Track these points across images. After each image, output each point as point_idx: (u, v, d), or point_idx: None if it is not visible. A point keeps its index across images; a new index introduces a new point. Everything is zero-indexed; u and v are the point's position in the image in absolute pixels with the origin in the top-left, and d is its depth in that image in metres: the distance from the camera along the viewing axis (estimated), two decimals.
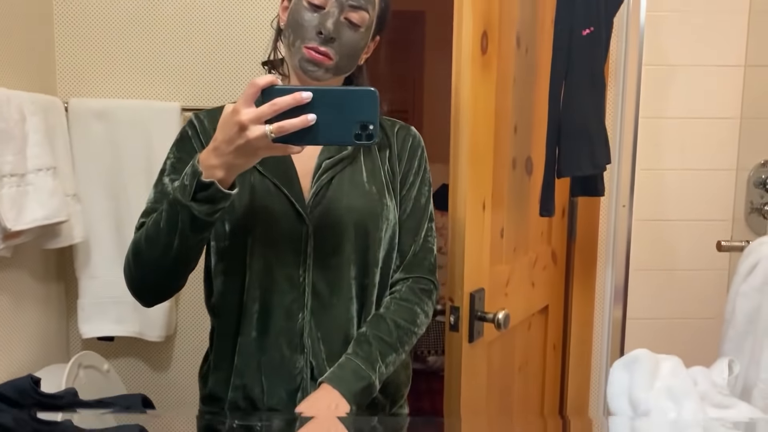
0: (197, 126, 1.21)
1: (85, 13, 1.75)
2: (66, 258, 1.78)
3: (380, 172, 1.22)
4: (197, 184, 0.96)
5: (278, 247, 1.15)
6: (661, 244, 2.01)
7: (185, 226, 1.00)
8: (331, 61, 1.12)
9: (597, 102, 1.58)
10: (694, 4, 1.93)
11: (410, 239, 1.25)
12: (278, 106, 0.89)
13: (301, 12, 1.13)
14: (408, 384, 1.32)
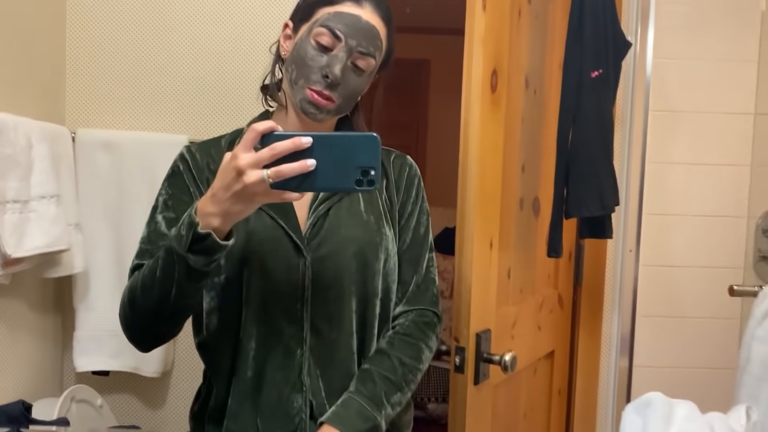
0: (189, 160, 1.18)
1: (97, 45, 1.76)
2: (64, 288, 1.75)
3: (378, 202, 1.20)
4: (193, 236, 0.93)
5: (275, 281, 1.12)
6: (669, 290, 1.98)
7: (181, 276, 0.98)
8: (333, 104, 1.11)
9: (606, 143, 1.57)
10: (700, 52, 1.95)
11: (411, 270, 1.22)
12: (277, 150, 0.87)
13: (307, 50, 1.10)
14: (410, 427, 1.27)
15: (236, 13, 1.78)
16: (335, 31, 1.08)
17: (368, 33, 1.10)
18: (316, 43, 1.09)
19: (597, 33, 1.53)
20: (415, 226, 1.23)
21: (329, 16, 1.09)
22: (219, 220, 0.93)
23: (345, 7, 1.10)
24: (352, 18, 1.09)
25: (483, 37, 1.36)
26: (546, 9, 1.68)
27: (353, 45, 1.09)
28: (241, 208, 0.92)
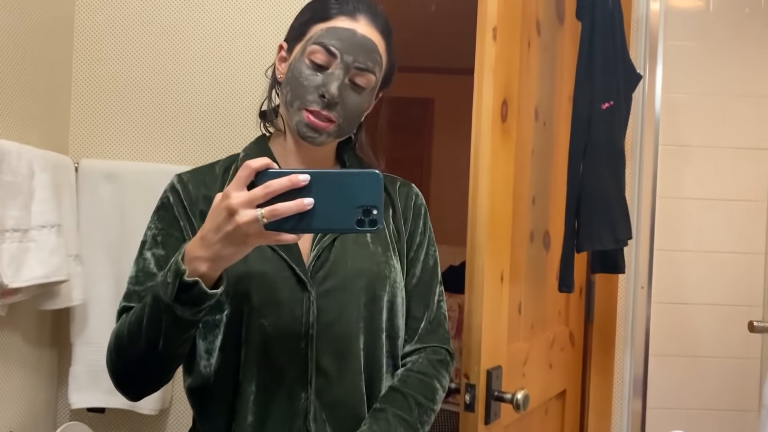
0: (180, 191, 1.11)
1: (103, 75, 1.75)
2: (62, 321, 1.70)
3: (384, 232, 1.14)
4: (180, 284, 0.87)
5: (277, 318, 1.04)
6: (683, 328, 1.93)
7: (169, 326, 0.92)
8: (333, 125, 1.05)
9: (617, 175, 1.55)
10: (710, 86, 1.94)
11: (422, 306, 1.17)
12: (272, 188, 0.81)
13: (302, 70, 1.04)
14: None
15: (240, 44, 1.78)
16: (329, 48, 1.02)
17: (365, 47, 1.04)
18: (310, 61, 1.04)
19: (608, 65, 1.52)
20: (425, 258, 1.19)
21: (322, 32, 1.04)
22: (208, 264, 0.87)
23: (339, 22, 1.04)
24: (346, 33, 1.03)
25: (493, 67, 1.34)
26: (555, 41, 1.67)
27: (349, 61, 1.03)
28: (233, 252, 0.86)
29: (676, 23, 1.94)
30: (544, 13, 1.59)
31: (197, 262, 0.87)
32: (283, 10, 1.78)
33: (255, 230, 0.82)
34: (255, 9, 1.78)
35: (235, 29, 1.78)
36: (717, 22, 1.95)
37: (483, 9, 1.35)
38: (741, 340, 1.84)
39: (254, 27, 1.78)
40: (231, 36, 1.78)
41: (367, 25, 1.05)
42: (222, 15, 1.78)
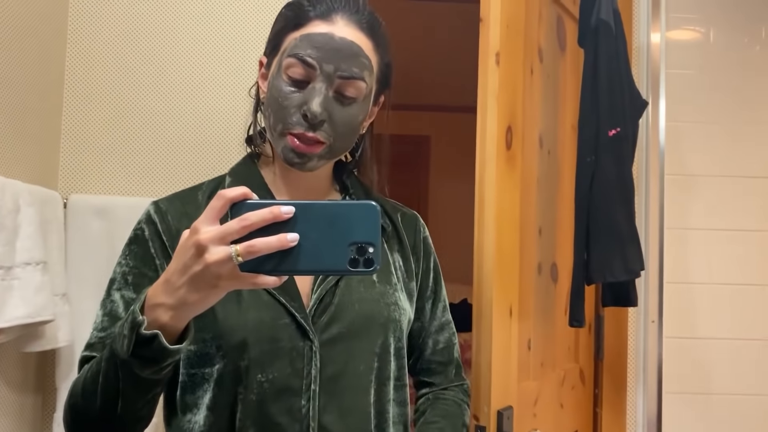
0: (157, 222, 0.96)
1: (93, 109, 1.71)
2: (47, 364, 1.62)
3: (390, 268, 1.02)
4: (137, 338, 0.73)
5: (276, 372, 0.91)
6: (697, 364, 1.85)
7: (127, 385, 0.78)
8: (322, 147, 0.92)
9: (627, 203, 1.49)
10: (713, 115, 1.91)
11: (440, 343, 1.11)
12: (250, 222, 0.67)
13: (280, 88, 0.91)
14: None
15: (228, 75, 1.74)
16: (305, 59, 0.89)
17: (347, 52, 0.90)
18: (287, 77, 0.90)
19: (613, 91, 1.48)
20: (437, 293, 1.12)
21: (296, 42, 0.90)
22: (171, 313, 0.73)
23: (313, 27, 0.91)
24: (322, 38, 0.89)
25: (497, 93, 1.30)
26: (557, 68, 1.64)
27: (330, 71, 0.89)
28: (201, 297, 0.71)
29: (678, 52, 1.92)
30: (546, 40, 1.57)
31: (159, 310, 0.73)
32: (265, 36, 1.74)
33: (228, 271, 0.68)
34: (240, 36, 1.75)
35: (221, 60, 1.74)
36: (718, 51, 1.93)
37: (485, 34, 1.32)
38: (757, 375, 1.77)
39: (242, 55, 1.75)
40: (219, 67, 1.74)
41: (346, 25, 0.92)
42: (207, 45, 1.75)
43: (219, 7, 1.76)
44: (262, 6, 1.76)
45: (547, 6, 1.58)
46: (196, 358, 0.93)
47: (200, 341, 0.92)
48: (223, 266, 0.68)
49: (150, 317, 0.74)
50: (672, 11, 1.93)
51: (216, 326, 0.91)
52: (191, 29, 1.75)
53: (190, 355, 0.94)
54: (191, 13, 1.75)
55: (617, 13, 1.54)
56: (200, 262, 0.69)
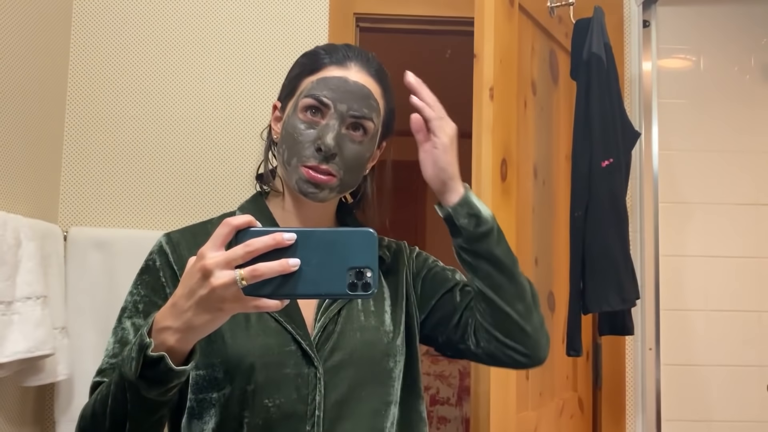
0: (169, 253, 1.01)
1: (93, 143, 1.74)
2: (45, 398, 1.62)
3: (385, 293, 1.05)
4: (144, 359, 0.77)
5: (281, 398, 0.94)
6: (695, 391, 1.85)
7: (135, 407, 0.82)
8: (334, 179, 0.98)
9: (621, 233, 1.51)
10: (706, 143, 1.93)
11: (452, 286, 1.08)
12: (253, 248, 0.71)
13: (296, 126, 0.98)
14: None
15: (228, 108, 1.77)
16: (321, 98, 0.97)
17: (358, 94, 0.98)
18: (303, 115, 0.98)
19: (605, 122, 1.51)
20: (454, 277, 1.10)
21: (313, 84, 0.99)
22: (178, 336, 0.76)
23: (329, 72, 0.99)
24: (338, 81, 0.98)
25: (491, 126, 1.33)
26: (550, 100, 1.67)
27: (344, 110, 0.97)
28: (206, 320, 0.75)
29: (669, 81, 1.95)
30: (538, 73, 1.60)
31: (166, 333, 0.77)
32: (271, 72, 1.78)
33: (232, 294, 0.72)
34: (241, 73, 1.78)
35: (222, 94, 1.77)
36: (708, 80, 1.97)
37: (479, 69, 1.35)
38: (756, 402, 1.77)
39: (242, 90, 1.78)
40: (219, 101, 1.77)
41: (358, 71, 1.00)
42: (209, 80, 1.78)
43: (219, 45, 1.79)
44: (261, 45, 1.79)
45: (540, 40, 1.61)
46: (204, 383, 0.96)
47: (209, 366, 0.95)
48: (228, 290, 0.71)
49: (157, 340, 0.77)
50: (662, 42, 1.96)
51: (225, 351, 0.95)
52: (192, 66, 1.78)
53: (198, 380, 0.96)
54: (192, 49, 1.79)
55: (608, 47, 1.58)
56: (206, 285, 0.72)
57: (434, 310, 1.07)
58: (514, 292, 0.98)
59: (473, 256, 0.98)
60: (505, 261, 0.98)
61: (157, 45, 1.78)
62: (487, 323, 0.99)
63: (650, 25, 1.95)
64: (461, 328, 1.04)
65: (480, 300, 0.99)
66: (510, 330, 0.98)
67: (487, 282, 0.98)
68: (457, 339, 1.04)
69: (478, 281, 0.99)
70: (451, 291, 1.07)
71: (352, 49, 1.03)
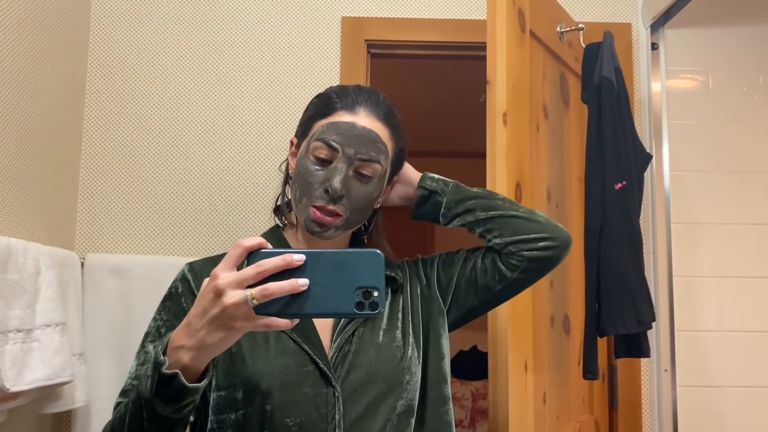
0: (191, 280, 1.06)
1: (110, 169, 1.76)
2: (62, 425, 1.62)
3: (397, 314, 1.09)
4: (159, 377, 0.80)
5: (301, 416, 0.97)
6: (711, 413, 1.84)
7: (150, 425, 0.84)
8: (340, 218, 1.03)
9: (635, 255, 1.51)
10: (716, 163, 1.94)
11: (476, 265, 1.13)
12: (264, 268, 0.74)
13: (306, 166, 1.04)
14: None
15: (247, 137, 1.79)
16: (330, 143, 1.02)
17: (366, 138, 1.03)
18: (314, 157, 1.04)
19: (618, 145, 1.52)
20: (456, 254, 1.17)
21: (323, 128, 1.04)
22: (192, 354, 0.79)
23: (338, 117, 1.05)
24: (346, 126, 1.03)
25: (505, 151, 1.34)
26: (561, 124, 1.68)
27: (351, 154, 1.02)
28: (219, 338, 0.78)
29: (678, 102, 1.96)
30: (550, 98, 1.61)
31: (180, 351, 0.80)
32: (286, 100, 1.80)
33: (243, 313, 0.75)
34: (256, 100, 1.81)
35: (237, 121, 1.80)
36: (717, 100, 1.98)
37: (492, 96, 1.36)
38: None
39: (257, 118, 1.80)
40: (234, 128, 1.79)
41: (367, 116, 1.06)
42: (224, 108, 1.80)
43: (233, 73, 1.82)
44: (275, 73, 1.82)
45: (551, 65, 1.63)
46: (225, 403, 0.99)
47: (230, 386, 0.99)
48: (239, 309, 0.74)
49: (172, 358, 0.80)
50: (671, 63, 1.98)
51: (245, 371, 0.98)
52: (207, 95, 1.80)
53: (219, 400, 0.99)
54: (208, 78, 1.81)
55: (618, 70, 1.59)
56: (218, 304, 0.75)
57: (459, 281, 1.14)
58: (510, 204, 1.13)
59: (461, 203, 1.12)
60: (486, 191, 1.14)
61: (173, 74, 1.81)
62: (508, 237, 1.10)
63: (659, 47, 1.96)
64: (489, 269, 1.11)
65: (490, 227, 1.11)
66: (528, 226, 1.10)
67: (486, 209, 1.11)
68: (491, 282, 1.11)
69: (479, 213, 1.11)
70: (465, 259, 1.15)
71: (362, 92, 1.08)
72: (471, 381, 3.70)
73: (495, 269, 1.11)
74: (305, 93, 1.77)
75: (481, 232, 1.12)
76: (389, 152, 1.08)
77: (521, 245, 1.09)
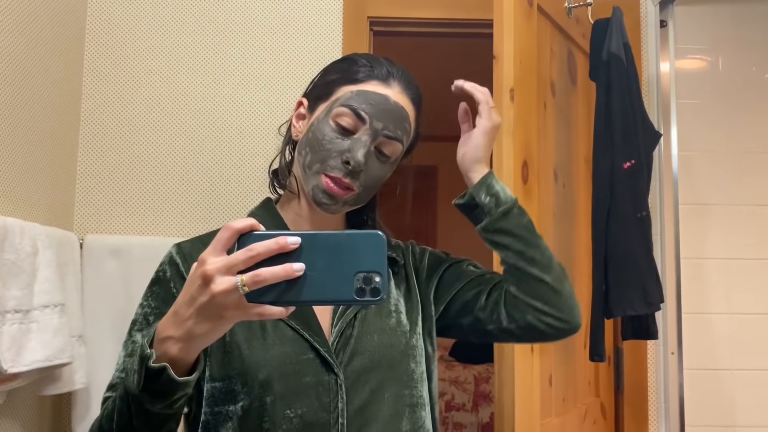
0: (179, 263, 0.99)
1: (108, 149, 1.73)
2: (62, 406, 1.61)
3: (401, 297, 1.04)
4: (146, 371, 0.74)
5: (303, 406, 0.92)
6: (718, 396, 1.82)
7: (140, 421, 0.78)
8: (351, 193, 0.97)
9: (644, 236, 1.49)
10: (724, 144, 1.91)
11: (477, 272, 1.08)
12: (255, 251, 0.67)
13: (325, 132, 0.96)
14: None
15: (246, 115, 1.76)
16: (359, 112, 0.95)
17: (396, 115, 0.97)
18: (335, 124, 0.96)
19: (626, 123, 1.48)
20: (455, 261, 1.10)
21: (352, 95, 0.97)
22: (179, 345, 0.73)
23: (371, 86, 0.97)
24: (378, 98, 0.96)
25: (512, 128, 1.31)
26: (569, 102, 1.65)
27: (379, 128, 0.95)
28: (208, 329, 0.71)
29: (688, 82, 1.93)
30: (557, 75, 1.58)
31: (168, 343, 0.73)
32: (286, 77, 1.77)
33: (233, 301, 0.68)
34: (256, 78, 1.77)
35: (236, 99, 1.76)
36: (726, 80, 1.94)
37: (499, 71, 1.33)
38: None
39: (257, 95, 1.77)
40: (233, 106, 1.76)
41: (400, 92, 0.99)
42: (222, 86, 1.77)
43: (232, 50, 1.78)
44: (275, 50, 1.78)
45: (558, 41, 1.59)
46: (221, 395, 0.93)
47: (226, 378, 0.93)
48: (229, 296, 0.68)
49: (159, 351, 0.74)
50: (680, 42, 1.94)
51: (241, 362, 0.92)
52: (206, 72, 1.77)
53: (214, 392, 0.94)
54: (206, 55, 1.78)
55: (627, 46, 1.56)
56: (207, 292, 0.69)
57: (456, 298, 1.07)
58: (546, 262, 1.01)
59: (500, 234, 1.01)
60: (532, 233, 1.02)
61: (170, 52, 1.77)
62: (522, 293, 1.00)
63: (667, 25, 1.92)
64: (490, 306, 1.04)
65: (513, 273, 1.01)
66: (547, 296, 0.99)
67: (519, 255, 1.00)
68: (486, 318, 1.04)
69: (511, 255, 1.01)
70: (473, 278, 1.07)
71: (395, 66, 1.01)
72: (473, 365, 3.69)
73: (494, 311, 1.03)
74: (305, 72, 1.75)
75: (505, 269, 1.04)
76: (410, 135, 1.02)
77: (530, 310, 1.00)
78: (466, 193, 1.03)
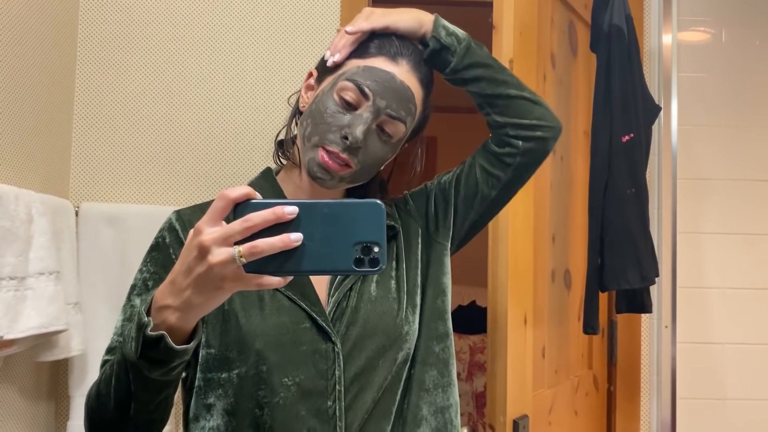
0: (178, 229, 0.99)
1: (104, 117, 1.71)
2: (59, 373, 1.62)
3: (394, 263, 1.03)
4: (143, 339, 0.74)
5: (301, 376, 0.93)
6: (711, 369, 1.84)
7: (138, 388, 0.79)
8: (348, 170, 0.95)
9: (641, 210, 1.49)
10: (726, 118, 1.89)
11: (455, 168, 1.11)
12: (252, 222, 0.67)
13: (327, 105, 0.95)
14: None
15: (245, 84, 1.74)
16: (363, 88, 0.94)
17: (401, 94, 0.96)
18: (339, 98, 0.95)
19: (626, 96, 1.47)
20: (442, 176, 1.14)
21: (358, 69, 0.96)
22: (177, 314, 0.73)
23: (378, 62, 0.96)
24: (384, 75, 0.95)
25: None
26: (569, 75, 1.63)
27: (382, 106, 0.94)
28: (205, 299, 0.71)
29: (689, 55, 1.91)
30: (558, 46, 1.56)
31: (166, 311, 0.73)
32: (284, 48, 1.75)
33: (231, 272, 0.68)
34: (254, 48, 1.75)
35: (234, 68, 1.74)
36: (729, 53, 1.92)
37: (498, 41, 1.31)
38: None
39: (254, 65, 1.74)
40: (232, 75, 1.74)
41: (408, 71, 0.98)
42: (221, 54, 1.74)
43: (230, 19, 1.76)
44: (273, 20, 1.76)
45: (559, 11, 1.57)
46: (215, 361, 0.94)
47: (222, 345, 0.94)
48: (227, 267, 0.68)
49: (157, 319, 0.74)
50: (683, 14, 1.91)
51: (239, 330, 0.93)
52: (204, 40, 1.75)
53: (209, 358, 0.95)
54: (203, 23, 1.75)
55: (629, 18, 1.54)
56: (204, 263, 0.69)
57: (457, 207, 1.09)
58: (516, 81, 1.04)
59: (471, 69, 1.02)
60: (495, 60, 1.05)
61: (168, 19, 1.74)
62: (509, 116, 1.03)
63: None
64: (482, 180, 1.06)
65: (493, 102, 1.04)
66: (530, 110, 1.04)
67: (493, 82, 1.03)
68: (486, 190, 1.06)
69: (485, 85, 1.03)
70: (456, 179, 1.10)
71: (405, 44, 0.99)
72: (469, 335, 3.72)
73: (487, 176, 1.06)
74: (302, 42, 1.72)
75: (482, 104, 1.05)
76: (416, 116, 1.01)
77: (520, 130, 1.03)
78: (427, 40, 1.01)
